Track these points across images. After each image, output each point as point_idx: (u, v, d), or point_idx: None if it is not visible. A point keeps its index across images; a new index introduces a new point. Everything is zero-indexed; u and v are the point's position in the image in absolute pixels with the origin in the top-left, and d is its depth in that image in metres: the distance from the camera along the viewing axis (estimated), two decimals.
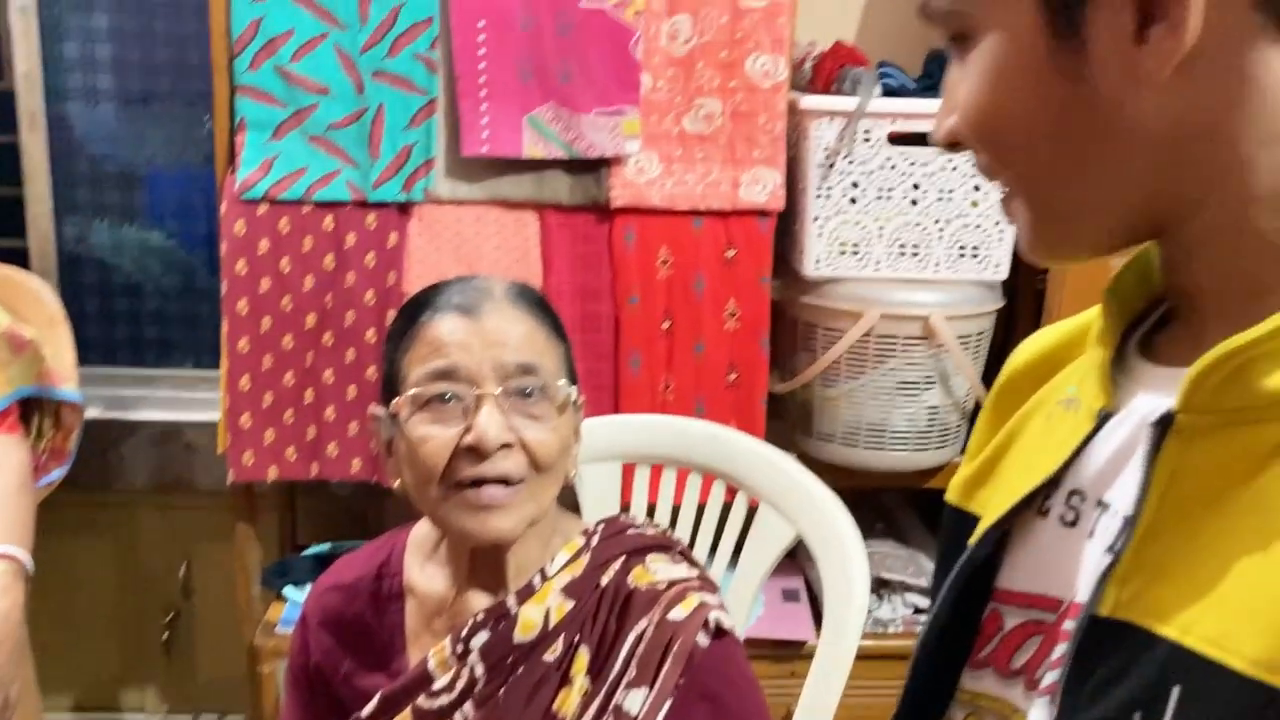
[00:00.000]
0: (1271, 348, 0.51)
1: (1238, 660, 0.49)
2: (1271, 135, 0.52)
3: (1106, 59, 0.52)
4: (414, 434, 1.01)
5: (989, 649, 0.66)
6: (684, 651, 0.99)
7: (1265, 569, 0.50)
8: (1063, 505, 0.63)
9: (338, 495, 2.30)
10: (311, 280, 1.81)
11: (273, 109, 1.76)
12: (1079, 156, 0.55)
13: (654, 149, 1.82)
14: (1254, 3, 0.50)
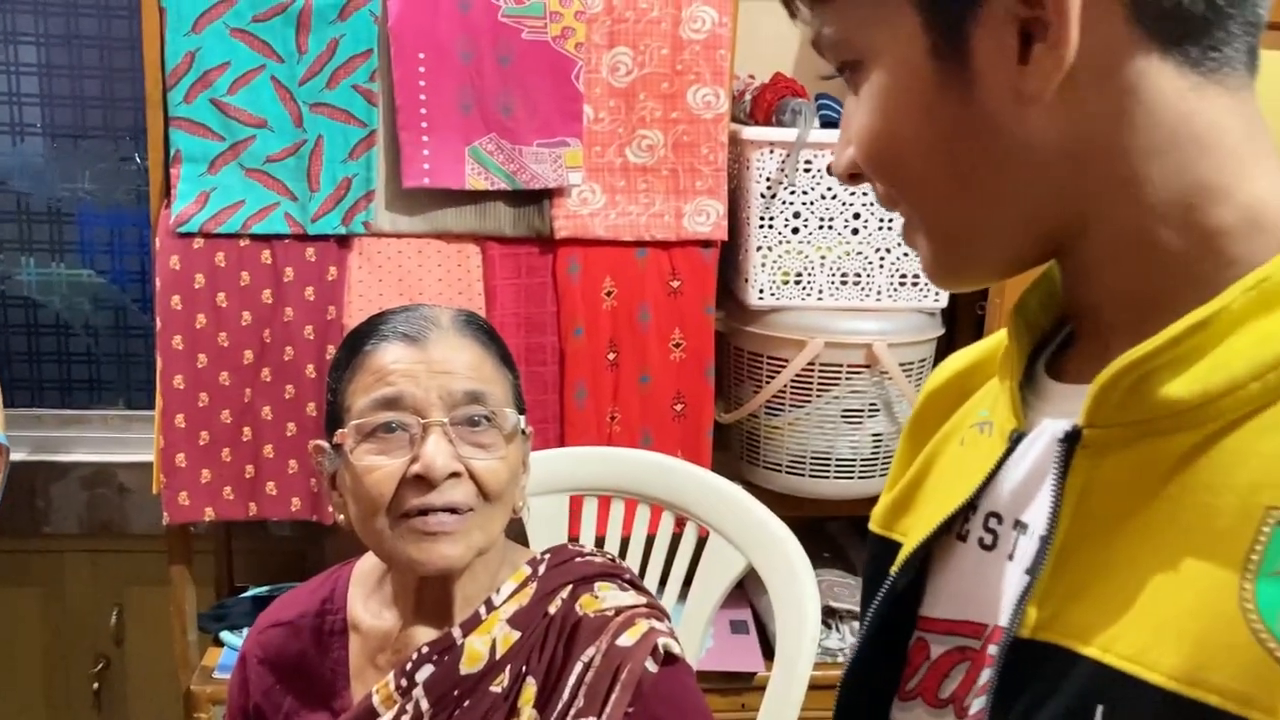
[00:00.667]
0: (1170, 358, 0.51)
1: (1157, 675, 0.49)
2: (1159, 147, 0.52)
3: (992, 81, 0.52)
4: (360, 464, 0.99)
5: (917, 679, 0.65)
6: (632, 679, 0.98)
7: (1178, 582, 0.50)
8: (981, 529, 0.62)
9: (276, 535, 2.25)
10: (249, 315, 1.77)
11: (208, 142, 1.73)
12: (972, 180, 0.55)
13: (597, 180, 1.82)
14: (1130, 17, 0.50)
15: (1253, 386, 0.50)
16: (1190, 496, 0.51)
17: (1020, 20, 0.51)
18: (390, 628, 1.08)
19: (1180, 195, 0.52)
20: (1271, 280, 0.50)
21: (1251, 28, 0.52)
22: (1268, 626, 0.46)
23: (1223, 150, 0.52)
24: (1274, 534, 0.48)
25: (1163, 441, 0.52)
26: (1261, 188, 0.52)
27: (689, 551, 1.51)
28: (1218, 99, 0.52)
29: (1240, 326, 0.50)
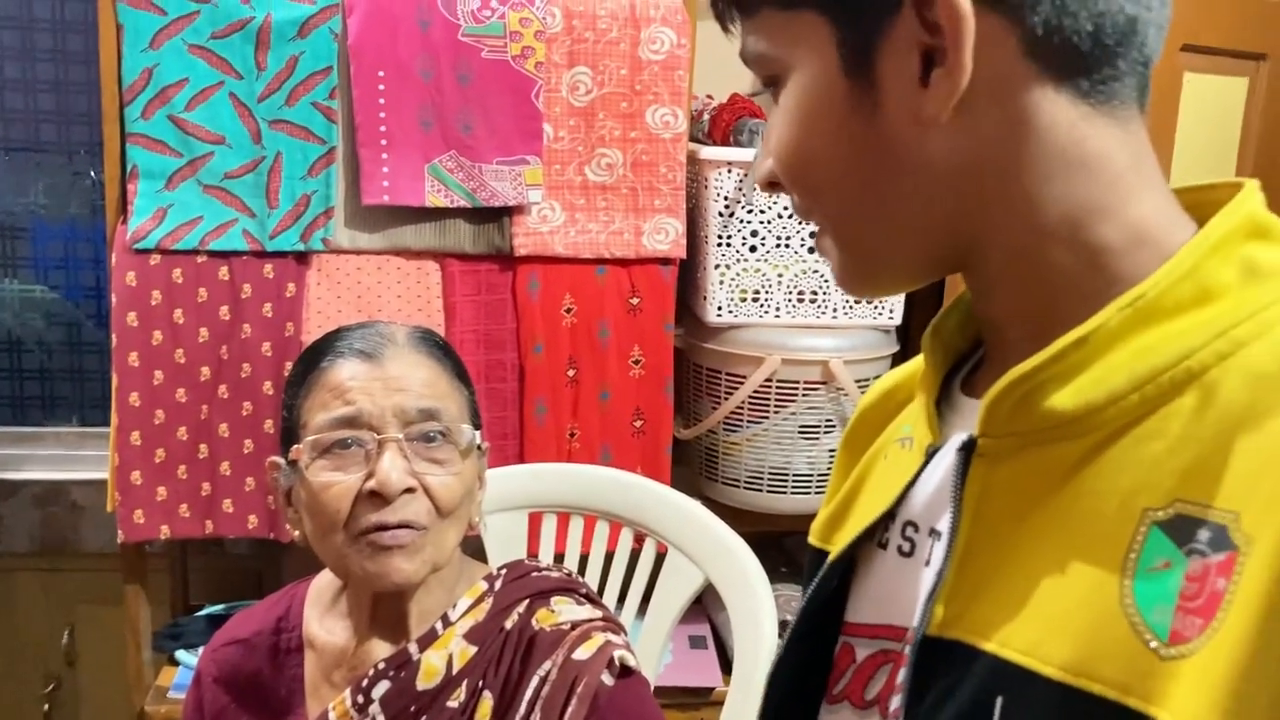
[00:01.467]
0: (1056, 371, 0.54)
1: (1049, 667, 0.52)
2: (1048, 170, 0.55)
3: (895, 101, 0.55)
4: (315, 480, 0.99)
5: (843, 682, 0.68)
6: (589, 692, 0.99)
7: (1067, 580, 0.53)
8: (899, 537, 0.65)
9: (232, 553, 2.23)
10: (206, 332, 1.76)
11: (166, 158, 1.72)
12: (877, 194, 0.58)
13: (556, 198, 1.84)
14: (1024, 50, 0.53)
15: (1132, 398, 0.53)
16: (1077, 501, 0.54)
17: (922, 46, 0.53)
18: (346, 644, 1.08)
19: (1068, 215, 0.55)
20: (1146, 298, 0.53)
21: (1142, 66, 0.55)
22: (1144, 620, 0.50)
23: (1109, 175, 0.55)
24: (1150, 534, 0.51)
25: (1051, 450, 0.55)
26: (1146, 209, 0.55)
27: (648, 567, 1.52)
28: (1106, 128, 0.55)
29: (1119, 342, 0.53)
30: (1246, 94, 2.23)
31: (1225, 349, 0.52)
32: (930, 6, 0.52)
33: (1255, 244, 0.55)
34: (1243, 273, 0.54)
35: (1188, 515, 0.50)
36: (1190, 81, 2.09)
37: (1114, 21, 0.53)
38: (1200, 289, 0.53)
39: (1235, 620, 0.47)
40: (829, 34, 0.56)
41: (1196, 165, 2.17)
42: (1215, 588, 0.48)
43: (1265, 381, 0.50)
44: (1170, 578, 0.50)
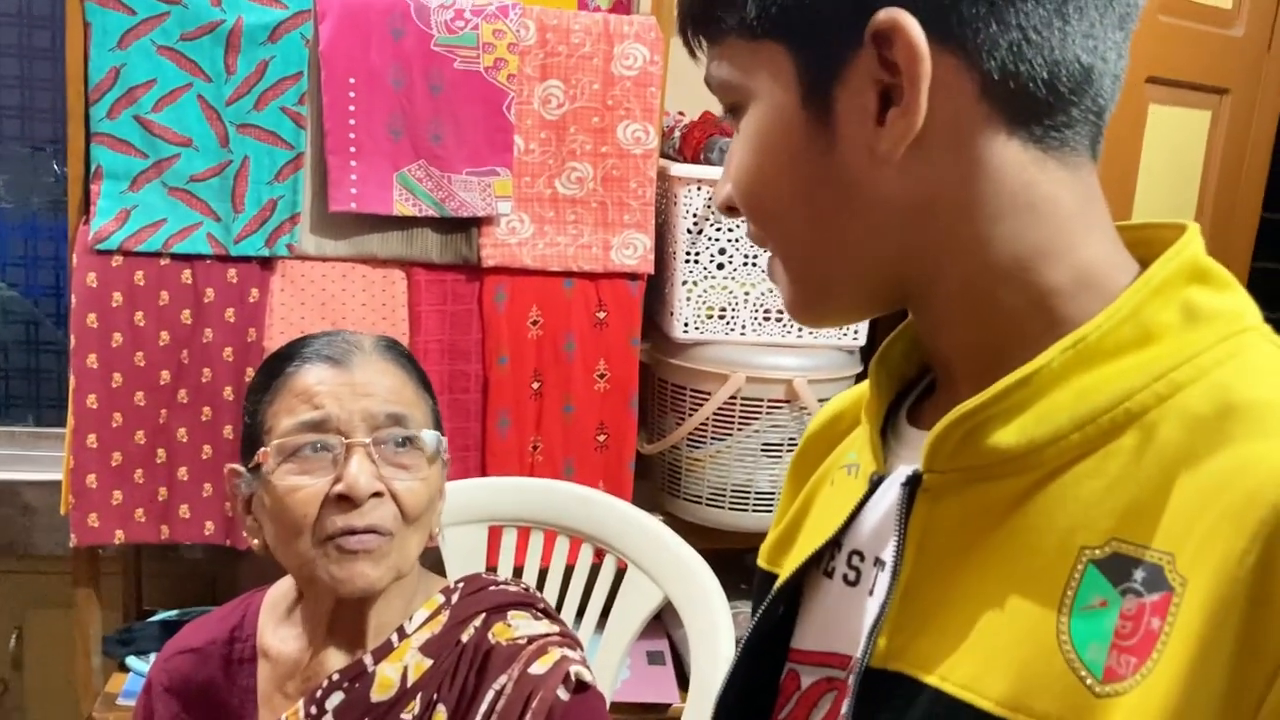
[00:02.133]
0: (999, 410, 0.55)
1: (987, 702, 0.53)
2: (999, 212, 0.56)
3: (851, 136, 0.55)
4: (281, 485, 0.99)
5: (788, 709, 0.68)
6: (544, 707, 0.99)
7: (1007, 615, 0.54)
8: (845, 565, 0.66)
9: (188, 559, 2.20)
10: (167, 335, 1.74)
11: (131, 159, 1.70)
12: (829, 226, 0.58)
13: (526, 210, 1.83)
14: (980, 94, 0.54)
15: (1074, 437, 0.54)
16: (1019, 537, 0.55)
17: (880, 84, 0.54)
18: (300, 655, 1.07)
19: (1017, 257, 0.56)
20: (1087, 341, 0.54)
21: (1095, 115, 0.56)
22: (1079, 657, 0.51)
23: (1057, 219, 0.56)
24: (1087, 572, 0.52)
25: (994, 486, 0.56)
26: (1091, 252, 0.56)
27: (607, 583, 1.52)
28: (1057, 173, 0.56)
29: (1062, 382, 0.54)
30: (1209, 127, 2.27)
31: (1164, 391, 0.53)
32: (890, 46, 0.53)
33: (1195, 288, 0.56)
34: (1183, 316, 0.55)
35: (1124, 554, 0.51)
36: (1155, 113, 2.12)
37: (1069, 70, 0.54)
38: (1141, 331, 0.54)
39: (1170, 660, 0.48)
40: (790, 66, 0.56)
41: (1158, 195, 2.20)
42: (1150, 627, 0.49)
43: (1201, 424, 0.51)
44: (1106, 616, 0.51)
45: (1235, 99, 2.27)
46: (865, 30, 0.53)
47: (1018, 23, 0.52)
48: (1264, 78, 2.31)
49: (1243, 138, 2.31)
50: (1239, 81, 2.26)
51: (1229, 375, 0.52)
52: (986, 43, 0.53)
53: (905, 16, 0.52)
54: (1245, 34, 2.24)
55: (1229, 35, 2.23)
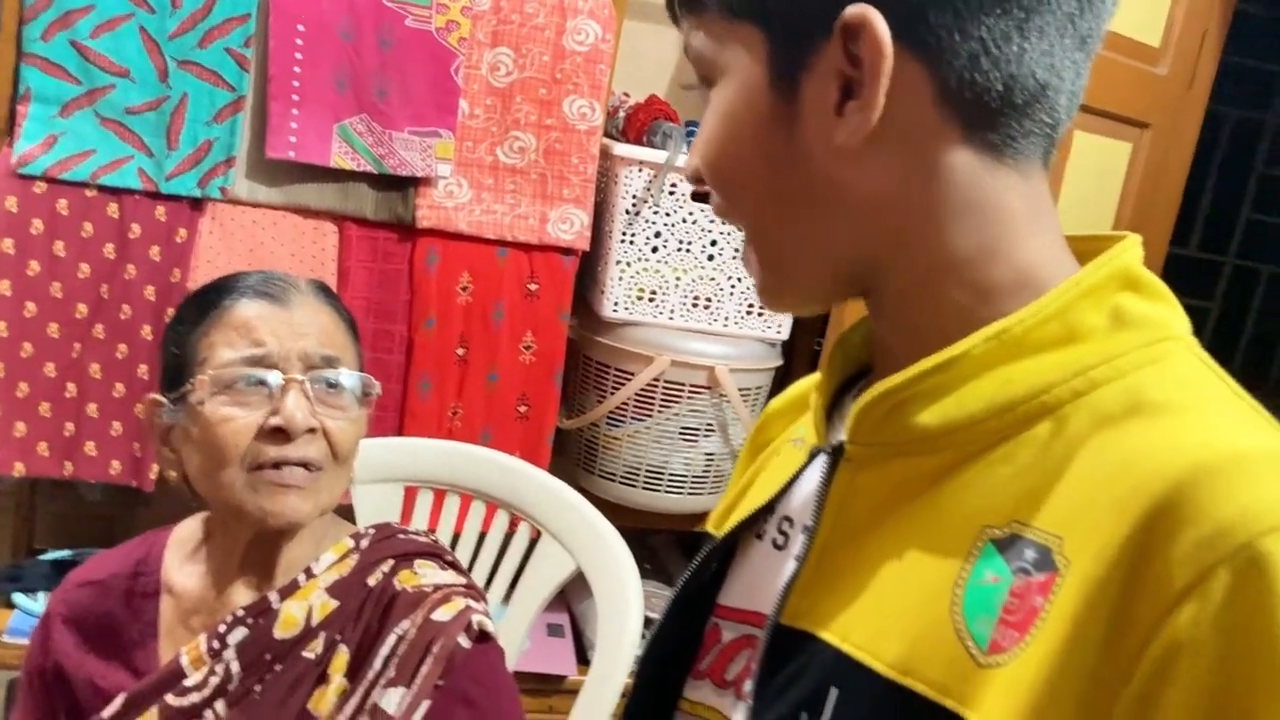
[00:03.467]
0: (919, 390, 0.58)
1: (879, 664, 0.56)
2: (950, 211, 0.58)
3: (812, 123, 0.58)
4: (215, 415, 0.99)
5: (708, 660, 0.72)
6: (445, 652, 1.00)
7: (909, 584, 0.57)
8: (775, 530, 0.69)
9: (85, 499, 2.15)
10: (88, 268, 1.70)
11: (63, 84, 1.65)
12: (789, 207, 0.61)
13: (465, 175, 1.83)
14: (937, 99, 0.56)
15: (990, 423, 0.57)
16: (930, 512, 0.58)
17: (843, 76, 0.56)
18: (205, 592, 1.08)
19: (964, 255, 0.59)
20: (1010, 332, 0.57)
21: (1049, 129, 0.59)
22: (968, 627, 0.54)
23: (1004, 221, 0.58)
24: (985, 550, 0.55)
25: (912, 462, 0.60)
26: (1035, 255, 0.59)
27: (520, 551, 1.53)
28: (1007, 179, 0.58)
29: (984, 370, 0.57)
30: (1129, 159, 2.35)
31: (1081, 388, 0.56)
32: (856, 40, 0.55)
33: (1127, 294, 0.58)
34: (1111, 319, 0.57)
35: (1020, 535, 0.54)
36: (1080, 140, 2.20)
37: (1024, 85, 0.56)
38: (1067, 330, 0.57)
39: (1045, 637, 0.51)
40: (763, 47, 0.58)
41: (1077, 219, 2.28)
42: (1033, 604, 0.52)
43: (1108, 420, 0.54)
44: (997, 592, 0.54)
45: (1155, 133, 2.36)
46: (835, 22, 0.55)
47: (979, 35, 0.55)
48: (1183, 115, 2.41)
49: (1158, 173, 2.40)
50: (1160, 117, 2.35)
51: (1144, 378, 0.55)
52: (948, 51, 0.55)
53: (874, 13, 0.54)
54: (1169, 72, 2.33)
55: (1155, 72, 2.31)
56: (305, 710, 1.01)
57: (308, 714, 1.01)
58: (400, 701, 0.99)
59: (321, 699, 1.01)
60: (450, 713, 1.01)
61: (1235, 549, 0.47)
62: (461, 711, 1.01)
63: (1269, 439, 0.53)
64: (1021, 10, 0.55)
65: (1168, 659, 0.48)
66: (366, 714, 1.00)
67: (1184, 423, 0.53)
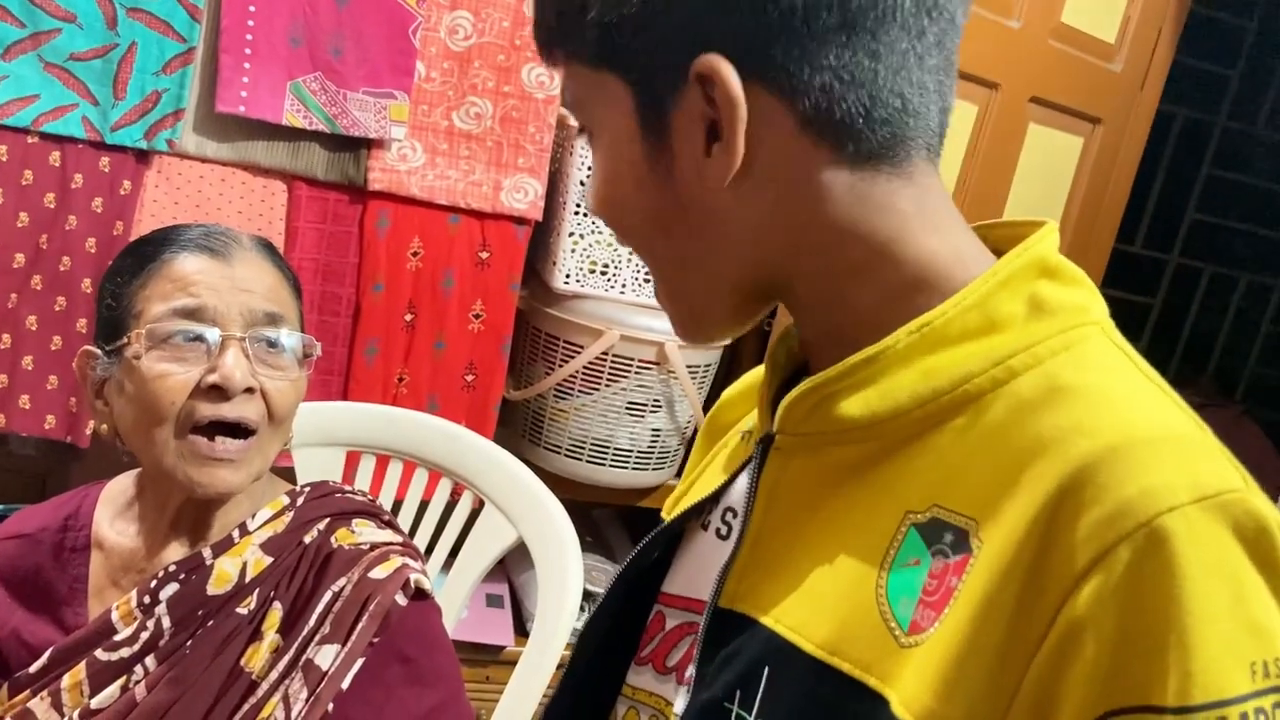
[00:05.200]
0: (846, 384, 0.60)
1: (809, 644, 0.58)
2: (836, 224, 0.59)
3: (685, 164, 0.59)
4: (150, 370, 0.97)
5: (650, 647, 0.73)
6: (381, 610, 1.00)
7: (837, 568, 0.59)
8: (719, 520, 0.71)
9: (18, 454, 2.11)
10: (26, 217, 1.66)
11: (7, 26, 1.60)
12: (681, 244, 0.62)
13: (419, 138, 1.81)
14: (799, 128, 0.57)
15: (915, 413, 0.58)
16: (857, 499, 0.60)
17: (707, 118, 0.57)
18: (137, 548, 1.06)
19: (859, 260, 0.60)
20: (932, 326, 0.58)
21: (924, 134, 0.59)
22: (891, 608, 0.56)
23: (895, 223, 0.59)
24: (908, 534, 0.57)
25: (840, 451, 0.61)
26: (936, 249, 0.60)
27: (462, 519, 1.52)
28: (890, 183, 0.59)
29: (907, 362, 0.58)
30: (1080, 152, 2.38)
31: (1002, 376, 0.57)
32: (711, 86, 0.56)
33: (1044, 282, 0.60)
34: (1029, 308, 0.59)
35: (939, 519, 0.56)
36: (1033, 132, 2.22)
37: (886, 103, 0.57)
38: (987, 320, 0.58)
39: (955, 615, 0.53)
40: (628, 96, 0.60)
41: (1027, 210, 2.31)
42: (949, 585, 0.54)
43: (1023, 406, 0.56)
44: (918, 574, 0.56)
45: (1106, 129, 2.39)
46: (690, 70, 0.56)
47: (829, 64, 0.56)
48: (1134, 113, 2.44)
49: (1108, 168, 2.44)
50: (1112, 113, 2.38)
51: (1060, 364, 0.57)
52: (801, 84, 0.56)
53: (721, 64, 0.55)
54: (1123, 69, 2.36)
55: (1108, 69, 2.34)
56: (238, 666, 1.00)
57: (240, 669, 1.00)
58: (335, 658, 0.98)
59: (254, 655, 1.00)
60: (385, 669, 1.01)
61: (1135, 527, 0.49)
62: (397, 668, 1.01)
63: (1173, 421, 0.54)
64: (866, 33, 0.55)
65: (1071, 633, 0.49)
66: (300, 670, 0.99)
67: (1093, 407, 0.54)
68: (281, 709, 0.98)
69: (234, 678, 1.00)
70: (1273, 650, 0.49)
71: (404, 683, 1.02)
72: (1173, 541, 0.48)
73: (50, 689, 1.01)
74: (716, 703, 0.61)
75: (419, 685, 1.03)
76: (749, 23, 0.55)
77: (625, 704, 0.73)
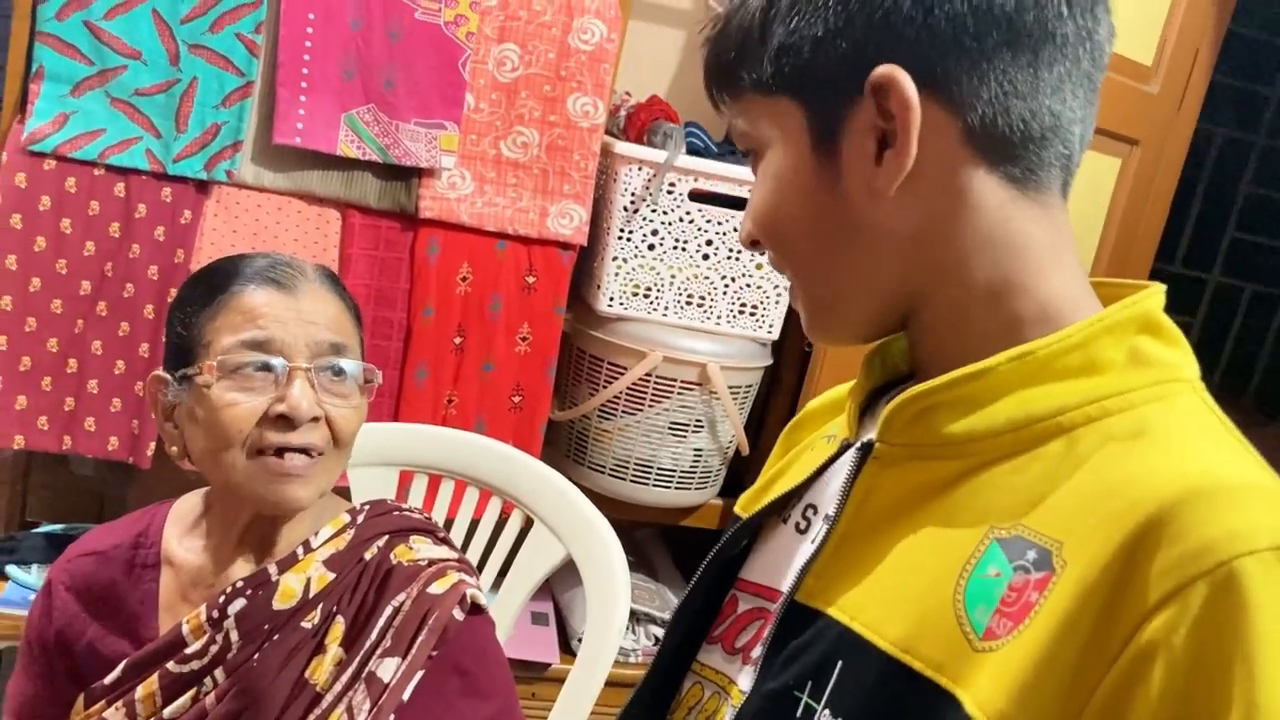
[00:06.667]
0: (948, 398, 0.64)
1: (883, 641, 0.62)
2: (979, 243, 0.64)
3: (854, 174, 0.64)
4: (220, 399, 1.01)
5: (722, 628, 0.77)
6: (439, 624, 1.04)
7: (918, 573, 0.62)
8: (799, 515, 0.75)
9: (77, 475, 2.18)
10: (93, 246, 1.73)
11: (76, 64, 1.68)
12: (837, 254, 0.67)
13: (469, 167, 1.86)
14: (964, 139, 0.62)
15: (1008, 436, 0.62)
16: (943, 512, 0.63)
17: (878, 129, 0.62)
18: (205, 564, 1.10)
19: (992, 285, 0.64)
20: (1034, 355, 0.62)
21: (1065, 159, 0.64)
22: (967, 614, 0.59)
23: (1029, 253, 0.64)
24: (990, 547, 0.60)
25: (933, 465, 0.65)
26: (1058, 288, 0.64)
27: (511, 537, 1.56)
28: (1030, 210, 0.64)
29: (1009, 389, 0.62)
30: (1118, 173, 2.40)
31: (1095, 414, 0.61)
32: (886, 97, 0.60)
33: (1146, 337, 0.64)
34: (1129, 357, 0.63)
35: (1024, 537, 0.59)
36: None
37: (1040, 119, 0.62)
38: (1089, 361, 0.62)
39: (1037, 629, 0.56)
40: (801, 116, 0.65)
41: None
42: (1029, 599, 0.57)
43: (1114, 443, 0.59)
44: (997, 585, 0.59)
45: (1144, 150, 2.40)
46: (865, 83, 0.61)
47: (997, 77, 0.60)
48: (1172, 134, 2.45)
49: (1146, 189, 2.45)
50: (1149, 134, 2.40)
51: (1151, 411, 0.61)
52: (970, 94, 0.61)
53: (899, 71, 0.60)
54: (1160, 91, 2.38)
55: (1146, 90, 2.36)
56: (302, 678, 1.04)
57: (305, 681, 1.04)
58: (396, 670, 1.03)
59: (318, 668, 1.04)
60: (444, 682, 1.05)
61: (1214, 565, 0.52)
62: (455, 680, 1.05)
63: (1254, 473, 0.58)
64: (1031, 52, 0.60)
65: (1143, 658, 0.52)
66: (363, 682, 1.03)
67: (1181, 452, 0.58)
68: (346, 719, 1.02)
69: (299, 689, 1.04)
70: None
71: (461, 695, 1.06)
72: (1248, 582, 0.51)
73: (125, 699, 1.06)
74: (786, 690, 0.65)
75: (476, 697, 1.07)
76: (922, 36, 0.60)
77: (692, 679, 0.78)
